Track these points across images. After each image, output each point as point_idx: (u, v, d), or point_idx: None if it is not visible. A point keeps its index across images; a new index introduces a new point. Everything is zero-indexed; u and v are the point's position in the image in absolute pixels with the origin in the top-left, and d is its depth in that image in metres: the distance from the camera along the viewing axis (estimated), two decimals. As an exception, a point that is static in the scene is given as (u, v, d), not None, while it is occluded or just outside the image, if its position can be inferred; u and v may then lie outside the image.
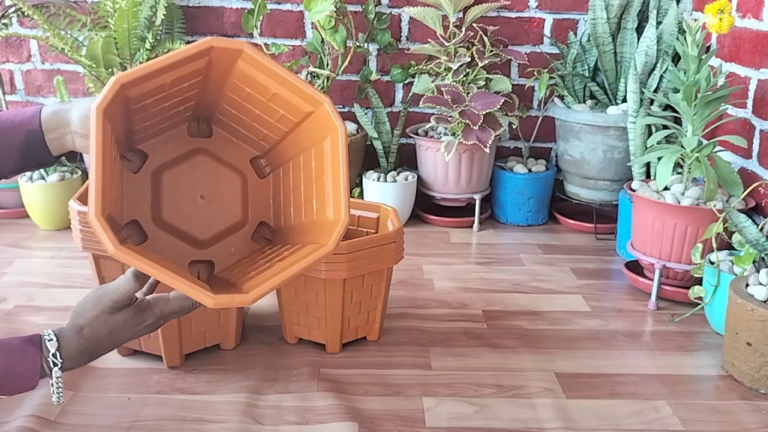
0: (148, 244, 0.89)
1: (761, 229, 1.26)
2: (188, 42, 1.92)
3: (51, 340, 0.82)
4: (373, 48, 1.96)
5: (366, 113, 1.89)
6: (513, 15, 1.93)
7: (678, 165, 1.44)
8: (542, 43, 1.96)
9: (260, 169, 0.98)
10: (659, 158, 1.41)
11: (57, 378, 0.82)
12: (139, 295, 0.85)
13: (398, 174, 1.87)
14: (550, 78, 1.83)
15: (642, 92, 1.64)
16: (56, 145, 0.86)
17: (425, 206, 1.93)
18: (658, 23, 1.73)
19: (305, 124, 0.89)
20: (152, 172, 0.90)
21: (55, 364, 0.81)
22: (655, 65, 1.72)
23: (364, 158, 1.94)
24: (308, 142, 0.91)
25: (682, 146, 1.40)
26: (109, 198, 0.76)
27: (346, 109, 2.01)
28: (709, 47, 1.66)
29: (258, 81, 0.84)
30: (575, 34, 1.92)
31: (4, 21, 1.77)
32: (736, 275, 1.25)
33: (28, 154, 0.86)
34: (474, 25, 1.78)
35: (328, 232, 0.84)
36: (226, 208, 0.94)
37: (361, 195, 1.89)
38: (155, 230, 0.90)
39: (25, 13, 1.66)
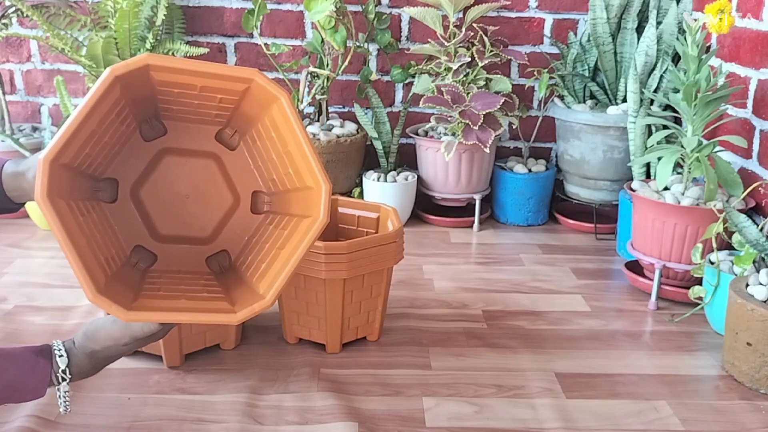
0: (160, 261, 0.89)
1: (761, 229, 1.26)
2: (188, 42, 1.92)
3: (62, 356, 0.83)
4: (373, 48, 1.96)
5: (366, 113, 1.89)
6: (513, 15, 1.93)
7: (678, 165, 1.44)
8: (542, 43, 1.96)
9: (228, 141, 0.94)
10: (659, 158, 1.41)
11: (65, 392, 0.84)
12: None
13: (398, 174, 1.87)
14: (550, 78, 1.83)
15: (642, 92, 1.64)
16: (20, 200, 0.87)
17: (425, 206, 1.93)
18: (658, 23, 1.73)
19: (247, 99, 0.86)
20: (129, 194, 0.89)
21: (63, 379, 0.84)
22: (655, 65, 1.72)
23: (364, 158, 1.94)
24: (258, 112, 0.88)
25: (682, 146, 1.40)
26: (98, 265, 0.76)
27: (346, 109, 2.01)
28: (709, 47, 1.66)
29: (181, 82, 0.81)
30: (575, 34, 1.92)
31: (3, 21, 1.77)
32: (736, 275, 1.25)
33: None
34: (474, 25, 1.78)
35: (316, 202, 0.83)
36: (215, 196, 0.93)
37: (361, 195, 1.89)
38: (160, 246, 0.90)
39: (25, 14, 1.66)
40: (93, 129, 0.78)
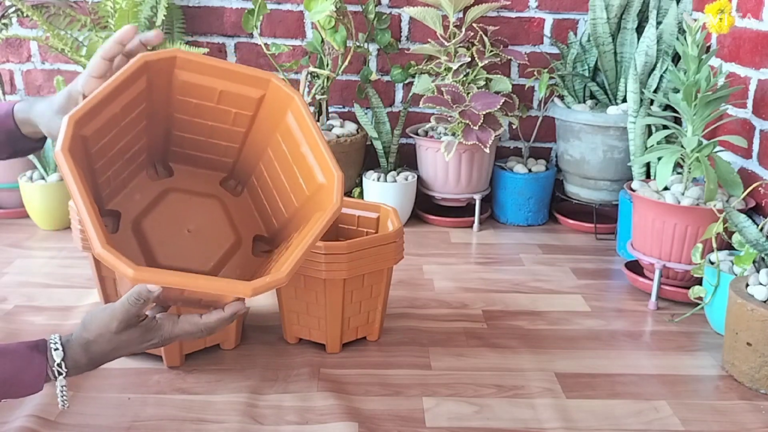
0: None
1: (761, 229, 1.26)
2: (188, 42, 1.92)
3: (57, 349, 0.82)
4: (373, 48, 1.96)
5: (366, 113, 1.89)
6: (513, 15, 1.93)
7: (678, 165, 1.44)
8: (542, 43, 1.96)
9: (232, 189, 0.97)
10: (659, 158, 1.41)
11: (62, 386, 0.83)
12: (150, 313, 0.85)
13: (398, 174, 1.87)
14: (550, 78, 1.83)
15: (642, 92, 1.64)
16: (36, 136, 0.94)
17: (425, 206, 1.93)
18: (658, 23, 1.73)
19: (261, 112, 0.87)
20: (131, 226, 0.89)
21: (60, 373, 0.82)
22: (655, 65, 1.72)
23: (364, 158, 1.94)
24: (271, 128, 0.89)
25: (682, 146, 1.40)
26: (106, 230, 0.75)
27: (346, 109, 2.01)
28: (709, 47, 1.66)
29: (202, 84, 0.82)
30: (575, 34, 1.92)
31: (3, 21, 1.77)
32: (736, 275, 1.25)
33: (16, 147, 0.94)
34: (474, 25, 1.78)
35: (327, 196, 0.83)
36: (218, 233, 0.93)
37: (361, 195, 1.89)
38: None
39: (25, 14, 1.66)
40: (116, 113, 0.79)
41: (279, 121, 0.89)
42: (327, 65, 1.84)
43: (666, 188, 1.46)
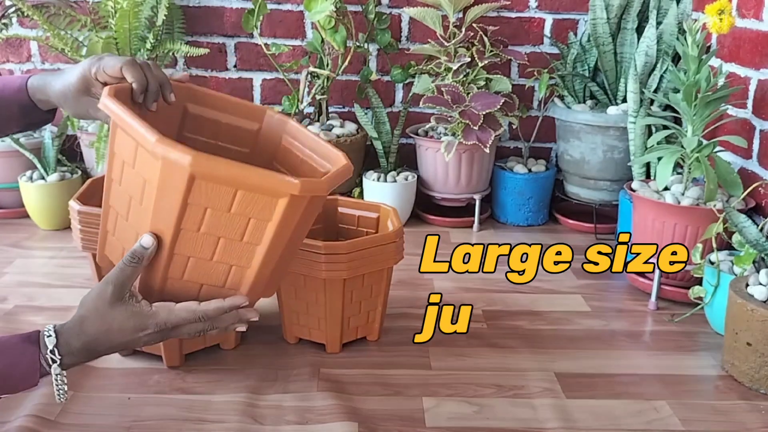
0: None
1: (761, 229, 1.26)
2: (188, 42, 1.92)
3: (50, 336, 0.81)
4: (373, 48, 1.96)
5: (366, 113, 1.89)
6: (513, 15, 1.93)
7: (678, 165, 1.44)
8: (542, 43, 1.96)
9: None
10: (659, 158, 1.41)
11: (57, 375, 0.81)
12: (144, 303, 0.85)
13: (398, 174, 1.87)
14: (550, 78, 1.83)
15: (642, 92, 1.64)
16: (47, 106, 0.98)
17: (425, 206, 1.93)
18: (658, 23, 1.73)
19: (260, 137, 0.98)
20: None
21: (54, 361, 0.81)
22: (655, 65, 1.72)
23: (364, 158, 1.94)
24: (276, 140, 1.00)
25: (682, 146, 1.40)
26: None
27: (346, 109, 2.01)
28: (709, 47, 1.66)
29: (207, 117, 0.94)
30: (575, 34, 1.92)
31: (4, 21, 1.77)
32: (735, 275, 1.25)
33: (26, 120, 0.98)
34: (474, 25, 1.78)
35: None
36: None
37: (361, 195, 1.89)
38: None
39: (25, 14, 1.66)
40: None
41: (278, 140, 0.97)
42: (327, 65, 1.84)
43: (666, 188, 1.46)
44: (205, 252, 0.81)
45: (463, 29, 1.76)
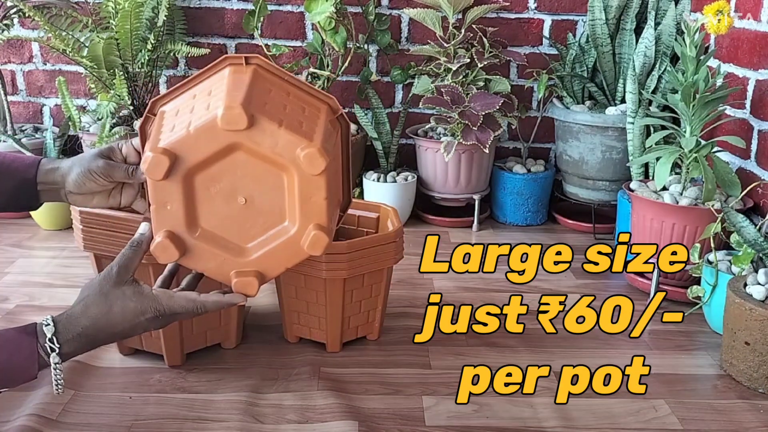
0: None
1: (759, 229, 1.26)
2: (189, 43, 1.93)
3: (48, 325, 0.81)
4: (373, 49, 1.97)
5: (366, 114, 1.89)
6: (512, 16, 1.94)
7: (676, 165, 1.45)
8: (541, 44, 1.96)
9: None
10: (658, 158, 1.42)
11: (55, 364, 0.80)
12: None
13: (398, 174, 1.88)
14: (549, 79, 1.84)
15: (640, 93, 1.65)
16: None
17: (425, 206, 1.94)
18: (657, 24, 1.73)
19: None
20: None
21: (52, 350, 0.80)
22: (653, 66, 1.72)
23: (364, 158, 1.95)
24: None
25: (681, 147, 1.41)
26: None
27: (346, 110, 2.02)
28: (707, 48, 1.66)
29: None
30: (574, 35, 1.93)
31: (5, 22, 1.78)
32: (734, 275, 1.25)
33: (17, 200, 0.92)
34: (473, 26, 1.79)
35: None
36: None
37: (361, 195, 1.89)
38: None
39: (27, 15, 1.66)
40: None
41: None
42: (327, 66, 1.85)
43: (664, 188, 1.46)
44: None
45: (463, 30, 1.77)
